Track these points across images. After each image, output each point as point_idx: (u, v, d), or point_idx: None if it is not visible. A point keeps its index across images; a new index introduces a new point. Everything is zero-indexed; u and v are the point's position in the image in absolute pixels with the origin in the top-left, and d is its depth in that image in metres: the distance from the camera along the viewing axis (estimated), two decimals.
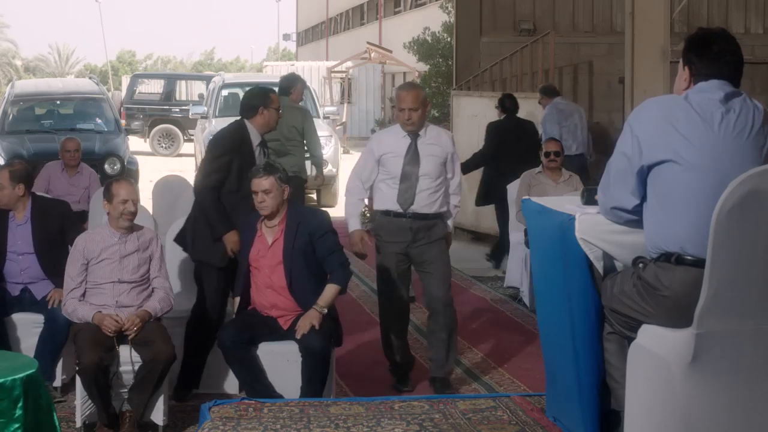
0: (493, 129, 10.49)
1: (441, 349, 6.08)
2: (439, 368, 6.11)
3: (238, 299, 5.68)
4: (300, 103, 9.86)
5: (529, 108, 11.86)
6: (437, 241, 6.14)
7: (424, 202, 6.06)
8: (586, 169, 11.03)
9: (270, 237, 5.61)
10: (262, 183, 5.53)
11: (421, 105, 6.02)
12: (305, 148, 9.49)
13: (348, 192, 6.28)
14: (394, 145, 6.09)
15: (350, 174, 6.35)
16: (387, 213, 6.14)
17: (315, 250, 5.55)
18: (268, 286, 5.57)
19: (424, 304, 6.27)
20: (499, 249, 10.48)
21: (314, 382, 5.33)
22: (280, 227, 5.60)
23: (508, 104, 10.46)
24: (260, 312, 5.59)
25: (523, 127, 10.47)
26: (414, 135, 6.06)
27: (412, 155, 6.05)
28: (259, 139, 6.16)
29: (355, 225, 6.22)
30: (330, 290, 5.52)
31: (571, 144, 11.07)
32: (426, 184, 6.05)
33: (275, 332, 5.52)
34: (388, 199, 6.12)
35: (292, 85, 9.54)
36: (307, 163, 9.79)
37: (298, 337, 5.36)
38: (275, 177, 5.55)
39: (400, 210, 6.07)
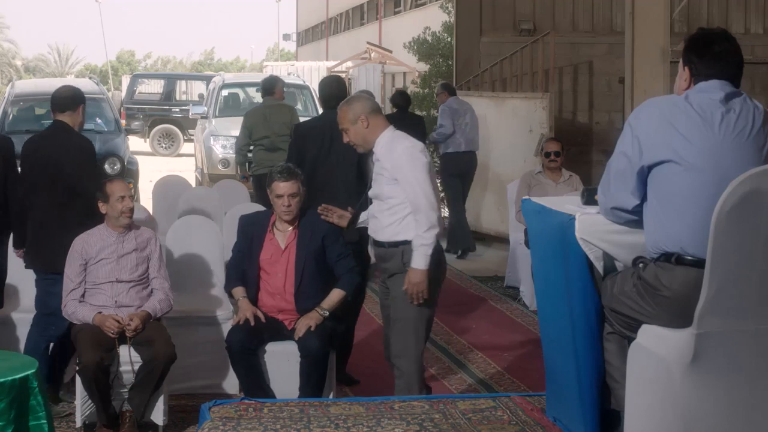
0: None
1: None
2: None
3: (241, 298, 5.58)
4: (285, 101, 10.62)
5: (527, 107, 11.90)
6: (396, 278, 5.11)
7: (377, 227, 5.17)
8: (475, 166, 11.55)
9: (283, 241, 5.55)
10: (289, 186, 5.42)
11: (349, 124, 5.13)
12: None
13: None
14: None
15: None
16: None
17: (326, 255, 5.52)
18: (279, 291, 5.53)
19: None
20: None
21: (312, 382, 5.33)
22: (294, 231, 5.54)
23: (399, 101, 11.62)
24: (266, 313, 5.54)
25: (411, 120, 11.26)
26: (368, 153, 5.23)
27: (365, 176, 5.29)
28: None
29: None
30: (335, 294, 5.50)
31: (460, 141, 11.44)
32: (377, 207, 5.15)
33: (279, 332, 5.50)
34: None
35: (273, 85, 10.32)
36: None
37: (296, 338, 5.36)
38: (300, 180, 5.48)
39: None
